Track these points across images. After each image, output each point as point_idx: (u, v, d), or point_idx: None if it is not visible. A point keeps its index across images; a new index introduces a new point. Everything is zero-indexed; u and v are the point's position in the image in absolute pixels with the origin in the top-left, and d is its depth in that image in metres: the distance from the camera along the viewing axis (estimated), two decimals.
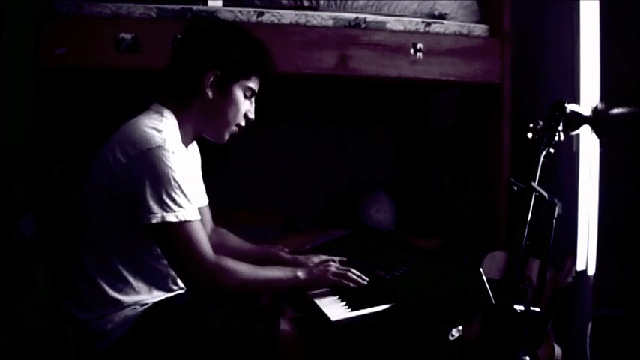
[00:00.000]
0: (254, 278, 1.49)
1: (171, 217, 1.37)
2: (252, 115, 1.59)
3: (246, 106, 1.57)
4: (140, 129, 1.42)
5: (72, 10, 2.14)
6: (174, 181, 1.37)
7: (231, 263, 1.47)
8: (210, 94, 1.51)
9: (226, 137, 1.59)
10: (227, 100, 1.53)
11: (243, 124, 1.59)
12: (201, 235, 1.43)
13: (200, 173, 1.70)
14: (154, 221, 1.36)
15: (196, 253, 1.40)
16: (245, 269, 1.48)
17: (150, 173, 1.36)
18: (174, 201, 1.37)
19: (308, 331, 1.53)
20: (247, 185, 3.03)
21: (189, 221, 1.40)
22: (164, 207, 1.36)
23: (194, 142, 1.65)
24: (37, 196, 1.60)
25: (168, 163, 1.37)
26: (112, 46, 2.14)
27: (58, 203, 1.60)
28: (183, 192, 1.39)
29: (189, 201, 1.41)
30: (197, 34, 1.56)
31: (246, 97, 1.56)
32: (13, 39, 2.37)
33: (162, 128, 1.43)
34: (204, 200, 1.74)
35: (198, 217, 1.44)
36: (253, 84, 1.57)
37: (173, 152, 1.39)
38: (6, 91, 2.39)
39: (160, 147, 1.38)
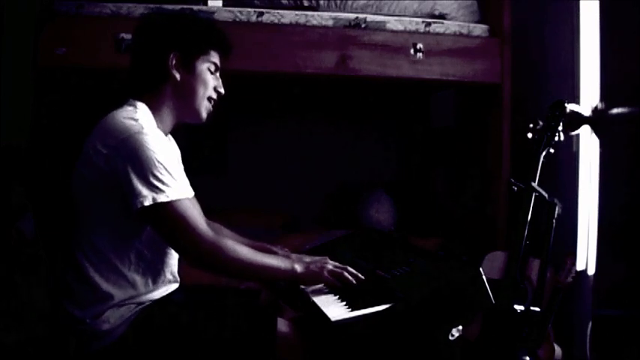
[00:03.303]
0: (253, 261, 1.49)
1: (162, 197, 1.38)
2: (222, 90, 1.63)
3: (214, 81, 1.61)
4: (117, 120, 1.45)
5: (72, 10, 2.14)
6: (158, 162, 1.39)
7: (230, 243, 1.48)
8: (177, 75, 1.55)
9: (204, 114, 1.61)
10: (194, 77, 1.57)
11: (214, 96, 1.62)
12: (195, 212, 1.44)
13: (182, 167, 1.71)
14: (146, 203, 1.37)
15: (192, 229, 1.41)
16: (244, 251, 1.49)
17: (133, 159, 1.38)
18: (161, 181, 1.38)
19: (307, 331, 1.53)
20: (247, 185, 3.03)
21: (180, 199, 1.41)
22: (153, 189, 1.37)
23: (171, 138, 1.66)
24: (37, 196, 1.60)
25: (149, 146, 1.39)
26: (112, 46, 2.15)
27: (58, 203, 1.60)
28: (168, 171, 1.40)
29: (176, 179, 1.42)
30: (150, 26, 1.61)
31: (211, 72, 1.60)
32: (13, 39, 2.38)
33: (137, 117, 1.46)
34: (190, 192, 1.75)
35: (188, 195, 1.46)
36: (215, 59, 1.60)
37: (152, 136, 1.42)
38: (6, 91, 2.40)
39: (138, 132, 1.40)
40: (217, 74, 1.62)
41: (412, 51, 2.37)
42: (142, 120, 1.45)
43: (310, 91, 2.99)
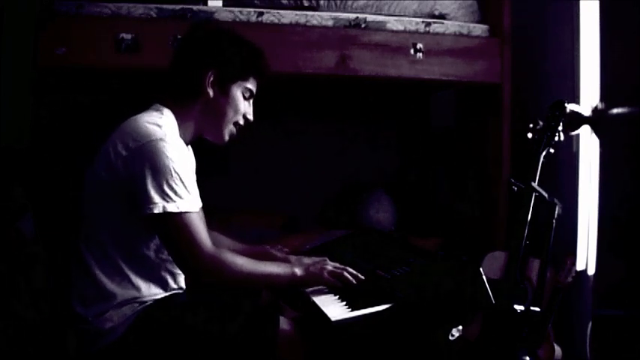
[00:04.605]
0: (253, 272, 1.51)
1: (172, 207, 1.39)
2: (250, 117, 1.64)
3: (245, 107, 1.61)
4: (140, 124, 1.45)
5: (72, 10, 2.14)
6: (175, 171, 1.40)
7: (230, 256, 1.49)
8: (211, 93, 1.55)
9: (226, 137, 1.62)
10: (227, 99, 1.57)
11: (242, 122, 1.63)
12: (201, 227, 1.45)
13: (194, 177, 1.72)
14: (155, 211, 1.38)
15: (195, 243, 1.42)
16: (244, 262, 1.50)
17: (150, 164, 1.39)
18: (174, 191, 1.40)
19: (308, 331, 1.53)
20: (247, 186, 3.02)
21: (189, 212, 1.42)
22: (165, 197, 1.39)
23: (189, 147, 1.66)
24: (37, 196, 1.60)
25: (169, 155, 1.40)
26: (112, 46, 2.14)
27: (58, 203, 1.60)
28: (183, 183, 1.42)
29: (190, 192, 1.44)
30: (197, 37, 1.61)
31: (245, 98, 1.61)
32: (13, 39, 2.38)
33: (162, 123, 1.46)
34: (199, 204, 1.75)
35: (197, 209, 1.46)
36: (251, 85, 1.61)
37: (173, 145, 1.43)
38: (6, 91, 2.40)
39: (160, 139, 1.41)
40: (250, 101, 1.63)
41: (412, 51, 2.36)
42: (165, 127, 1.45)
43: (310, 91, 2.99)
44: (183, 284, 1.59)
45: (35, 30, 2.15)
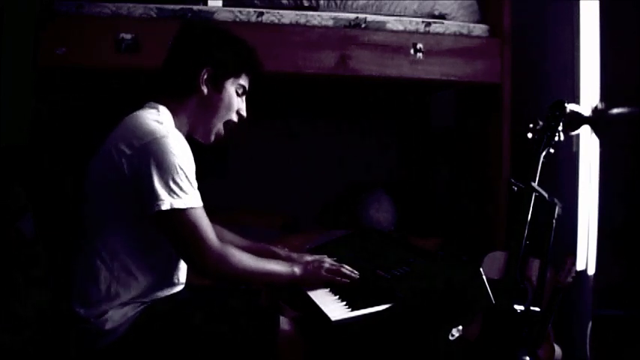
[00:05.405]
0: (256, 269, 1.53)
1: (178, 204, 1.40)
2: (244, 113, 1.65)
3: (238, 104, 1.63)
4: (142, 122, 1.46)
5: (72, 10, 2.14)
6: (180, 168, 1.41)
7: (236, 252, 1.51)
8: (205, 90, 1.56)
9: (212, 137, 1.63)
10: (221, 96, 1.59)
11: (235, 120, 1.64)
12: (206, 222, 1.46)
13: None
14: (163, 207, 1.38)
15: (202, 239, 1.43)
16: (248, 259, 1.52)
17: (156, 162, 1.39)
18: (180, 188, 1.41)
19: (308, 330, 1.54)
20: (247, 186, 3.03)
21: (195, 207, 1.43)
22: (172, 194, 1.39)
23: None
24: (37, 196, 1.60)
25: (174, 151, 1.41)
26: (112, 46, 2.15)
27: (58, 203, 1.60)
28: (188, 178, 1.43)
29: (194, 187, 1.45)
30: (191, 36, 1.63)
31: (238, 94, 1.62)
32: (13, 39, 2.38)
33: (162, 120, 1.48)
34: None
35: (202, 204, 1.47)
36: (244, 82, 1.63)
37: (176, 140, 1.44)
38: (6, 91, 2.40)
39: (163, 137, 1.42)
40: (243, 97, 1.64)
41: (412, 51, 2.37)
42: (166, 123, 1.47)
43: (310, 91, 2.99)
44: (183, 279, 1.60)
45: (35, 30, 2.15)
